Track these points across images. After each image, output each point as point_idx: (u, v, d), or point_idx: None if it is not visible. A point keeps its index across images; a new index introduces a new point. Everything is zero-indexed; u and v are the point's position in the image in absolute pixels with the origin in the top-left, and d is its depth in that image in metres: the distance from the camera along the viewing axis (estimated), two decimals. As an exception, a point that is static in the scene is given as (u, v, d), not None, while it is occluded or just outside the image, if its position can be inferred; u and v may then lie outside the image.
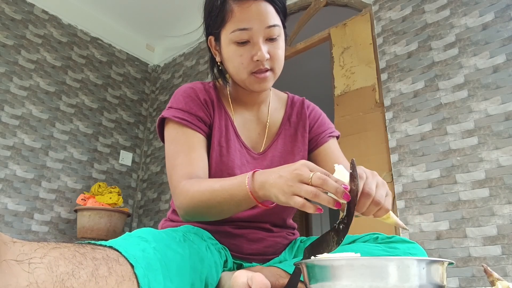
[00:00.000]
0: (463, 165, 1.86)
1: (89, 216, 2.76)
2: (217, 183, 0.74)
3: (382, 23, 2.42)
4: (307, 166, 0.62)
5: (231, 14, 0.81)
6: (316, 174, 0.59)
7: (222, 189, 0.72)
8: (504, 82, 1.84)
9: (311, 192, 0.58)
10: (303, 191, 0.59)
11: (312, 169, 0.61)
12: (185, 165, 0.83)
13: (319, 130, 1.00)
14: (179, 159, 0.84)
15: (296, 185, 0.60)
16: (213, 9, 0.85)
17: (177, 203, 0.80)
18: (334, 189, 0.57)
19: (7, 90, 2.89)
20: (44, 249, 0.46)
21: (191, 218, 0.81)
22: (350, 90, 2.47)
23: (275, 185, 0.63)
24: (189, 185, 0.78)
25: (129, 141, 3.61)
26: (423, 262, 0.48)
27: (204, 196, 0.74)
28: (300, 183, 0.60)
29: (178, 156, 0.84)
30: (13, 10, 3.05)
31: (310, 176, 0.59)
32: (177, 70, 3.77)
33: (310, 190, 0.58)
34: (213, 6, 0.85)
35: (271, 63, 0.85)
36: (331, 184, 0.58)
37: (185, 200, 0.77)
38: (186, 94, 0.91)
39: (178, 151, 0.85)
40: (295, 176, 0.60)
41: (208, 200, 0.74)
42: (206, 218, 0.82)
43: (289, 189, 0.60)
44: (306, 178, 0.59)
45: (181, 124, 0.87)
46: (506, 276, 1.60)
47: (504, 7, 1.94)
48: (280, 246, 0.93)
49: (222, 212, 0.76)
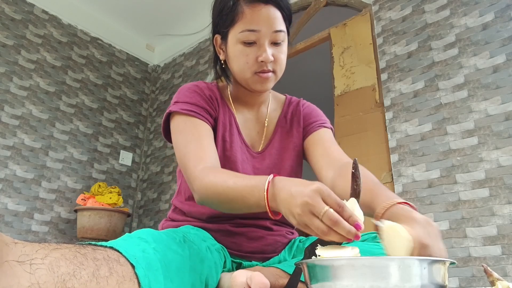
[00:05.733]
0: (463, 165, 1.86)
1: (89, 216, 2.76)
2: (231, 180, 0.72)
3: (382, 23, 2.42)
4: (320, 194, 0.57)
5: (242, 15, 0.85)
6: (327, 214, 0.54)
7: (235, 187, 0.71)
8: (504, 82, 1.84)
9: (321, 230, 0.55)
10: (314, 226, 0.56)
11: (325, 198, 0.56)
12: (197, 151, 0.83)
13: (311, 121, 1.02)
14: (190, 146, 0.84)
15: (307, 216, 0.57)
16: (224, 8, 0.88)
17: (193, 188, 0.80)
18: (346, 232, 0.54)
19: (7, 90, 2.89)
20: (45, 250, 0.46)
21: (205, 204, 0.80)
22: (350, 90, 2.47)
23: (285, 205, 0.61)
24: (205, 173, 0.77)
25: (129, 141, 3.61)
26: (425, 262, 0.48)
27: (217, 190, 0.73)
28: (311, 215, 0.56)
29: (189, 144, 0.85)
30: (13, 10, 3.04)
31: (322, 212, 0.55)
32: (177, 70, 3.77)
33: (320, 228, 0.55)
34: (225, 6, 0.88)
35: (274, 65, 0.88)
36: (342, 227, 0.54)
37: (200, 186, 0.77)
38: (192, 90, 0.93)
39: (188, 140, 0.85)
40: (306, 206, 0.57)
41: (220, 195, 0.73)
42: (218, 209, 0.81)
43: (300, 218, 0.58)
44: (318, 212, 0.55)
45: (189, 115, 0.88)
46: (506, 276, 1.60)
47: (504, 7, 1.94)
48: (280, 244, 0.94)
49: (232, 209, 0.76)
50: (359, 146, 2.30)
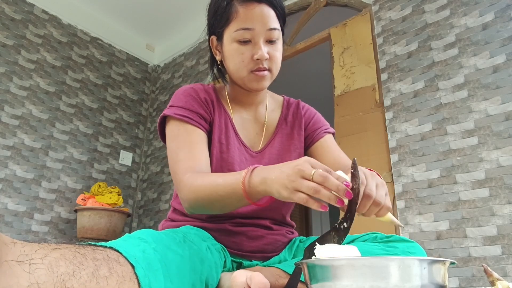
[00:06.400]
0: (463, 165, 1.86)
1: (89, 216, 2.76)
2: (220, 178, 0.75)
3: (382, 23, 2.42)
4: (309, 162, 0.62)
5: (236, 14, 0.86)
6: (317, 171, 0.59)
7: (224, 183, 0.73)
8: (504, 82, 1.84)
9: (312, 187, 0.59)
10: (304, 186, 0.59)
11: (314, 165, 0.61)
12: (187, 159, 0.84)
13: (315, 127, 1.03)
14: (181, 154, 0.85)
15: (298, 180, 0.60)
16: (218, 9, 0.89)
17: (182, 196, 0.81)
18: (336, 187, 0.58)
19: (7, 90, 2.89)
20: (45, 250, 0.46)
21: (195, 211, 0.82)
22: (350, 90, 2.47)
23: (277, 181, 0.64)
24: (193, 179, 0.79)
25: (129, 141, 3.61)
26: (425, 262, 0.48)
27: (207, 190, 0.75)
28: (302, 178, 0.60)
29: (180, 151, 0.85)
30: (13, 10, 3.04)
31: (312, 172, 0.59)
32: (177, 70, 3.77)
33: (311, 186, 0.59)
34: (219, 7, 0.89)
35: (270, 63, 0.89)
36: (332, 181, 0.58)
37: (189, 193, 0.78)
38: (187, 93, 0.93)
39: (180, 147, 0.86)
40: (297, 172, 0.61)
41: (211, 194, 0.75)
42: (209, 212, 0.83)
43: (291, 184, 0.61)
44: (308, 174, 0.60)
45: (183, 121, 0.89)
46: (506, 276, 1.60)
47: (504, 7, 1.94)
48: (280, 244, 0.94)
49: (224, 206, 0.77)
50: (359, 146, 2.30)
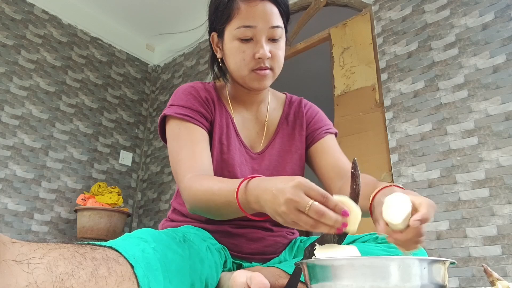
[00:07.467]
0: (463, 165, 1.86)
1: (89, 216, 2.76)
2: (216, 186, 0.72)
3: (382, 23, 2.42)
4: (301, 188, 0.56)
5: (238, 11, 0.83)
6: (313, 208, 0.54)
7: (220, 193, 0.70)
8: (504, 82, 1.84)
9: (310, 224, 0.55)
10: (302, 222, 0.55)
11: (307, 192, 0.56)
12: (189, 159, 0.82)
13: (316, 126, 1.00)
14: (182, 154, 0.83)
15: (293, 213, 0.56)
16: (220, 5, 0.86)
17: (183, 197, 0.80)
18: (333, 222, 0.54)
19: (7, 90, 2.89)
20: (44, 250, 0.45)
21: (196, 213, 0.80)
22: (350, 90, 2.47)
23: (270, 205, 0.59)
24: (192, 181, 0.77)
25: (129, 141, 3.61)
26: (425, 262, 0.48)
27: (204, 197, 0.73)
28: (297, 211, 0.55)
29: (181, 151, 0.84)
30: (13, 10, 3.04)
31: (307, 207, 0.54)
32: (177, 70, 3.77)
33: (309, 222, 0.55)
34: (220, 2, 0.86)
35: (272, 62, 0.86)
36: (329, 217, 0.54)
37: (189, 196, 0.77)
38: (187, 92, 0.91)
39: (181, 146, 0.84)
40: (290, 204, 0.55)
41: (207, 201, 0.73)
42: (209, 217, 0.81)
43: (286, 217, 0.57)
44: (303, 206, 0.55)
45: (183, 120, 0.87)
46: (506, 276, 1.60)
47: (504, 7, 1.94)
48: (280, 245, 0.93)
49: (221, 215, 0.76)
50: (359, 146, 2.30)
